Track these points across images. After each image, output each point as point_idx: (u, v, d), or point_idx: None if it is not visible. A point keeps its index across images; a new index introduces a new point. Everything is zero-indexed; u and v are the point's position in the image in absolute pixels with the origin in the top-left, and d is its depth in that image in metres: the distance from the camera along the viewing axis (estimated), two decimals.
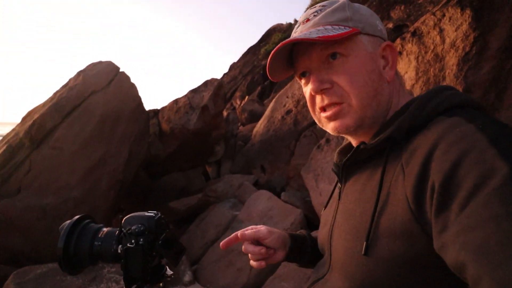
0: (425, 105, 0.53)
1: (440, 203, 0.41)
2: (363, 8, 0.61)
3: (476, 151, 0.40)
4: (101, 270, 2.57)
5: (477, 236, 0.36)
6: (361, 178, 0.59)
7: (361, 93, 0.57)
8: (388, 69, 0.60)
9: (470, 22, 2.35)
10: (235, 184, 4.41)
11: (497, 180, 0.37)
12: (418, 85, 2.71)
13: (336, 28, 0.56)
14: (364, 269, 0.51)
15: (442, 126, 0.47)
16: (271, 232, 0.72)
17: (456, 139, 0.43)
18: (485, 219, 0.36)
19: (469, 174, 0.39)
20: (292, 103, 4.92)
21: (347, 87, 0.57)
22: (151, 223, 0.64)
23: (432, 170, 0.43)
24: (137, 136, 4.10)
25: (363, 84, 0.57)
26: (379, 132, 0.57)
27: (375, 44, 0.59)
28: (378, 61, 0.59)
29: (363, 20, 0.59)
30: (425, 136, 0.48)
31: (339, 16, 0.58)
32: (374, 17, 0.61)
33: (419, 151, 0.47)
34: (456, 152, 0.42)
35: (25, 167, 3.32)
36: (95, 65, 4.12)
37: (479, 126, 0.43)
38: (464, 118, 0.46)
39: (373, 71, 0.58)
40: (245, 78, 10.88)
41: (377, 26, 0.61)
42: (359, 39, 0.58)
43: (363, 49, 0.58)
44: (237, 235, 0.71)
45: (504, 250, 0.33)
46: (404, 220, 0.46)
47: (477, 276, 0.35)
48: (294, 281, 2.61)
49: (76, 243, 0.64)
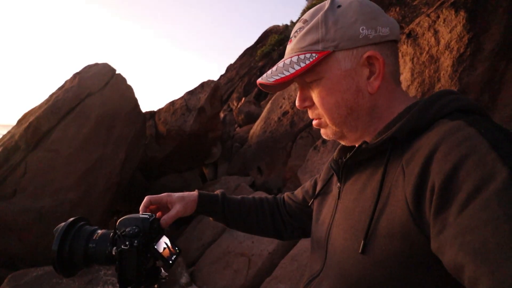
0: (428, 108, 0.53)
1: (439, 205, 0.41)
2: (346, 15, 0.57)
3: (477, 155, 0.41)
4: (98, 273, 2.55)
5: (475, 238, 0.36)
6: (361, 178, 0.59)
7: (332, 114, 0.60)
8: (373, 79, 0.58)
9: (464, 24, 2.38)
10: (232, 186, 4.41)
11: (497, 184, 0.37)
12: (413, 86, 2.72)
13: (301, 58, 0.58)
14: (360, 267, 0.51)
15: (444, 129, 0.47)
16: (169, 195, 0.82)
17: (457, 142, 0.43)
18: (484, 222, 0.36)
19: (469, 177, 0.39)
20: (288, 104, 4.93)
21: (320, 108, 0.61)
22: (146, 225, 0.64)
23: (432, 172, 0.44)
24: (134, 138, 4.09)
25: (334, 105, 0.59)
26: (381, 132, 0.57)
27: (355, 56, 0.57)
28: (357, 76, 0.58)
29: (338, 36, 0.56)
30: (427, 138, 0.49)
31: (309, 39, 0.58)
32: (359, 22, 0.56)
33: (420, 153, 0.48)
34: (456, 155, 0.42)
35: (21, 170, 3.30)
36: (91, 67, 4.11)
37: (481, 130, 0.44)
38: (466, 122, 0.47)
39: (348, 90, 0.58)
40: (241, 79, 10.89)
41: (360, 34, 0.56)
42: (333, 58, 0.57)
43: (337, 68, 0.57)
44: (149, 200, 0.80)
45: (502, 252, 0.34)
46: (403, 220, 0.46)
47: (474, 277, 0.36)
48: (291, 282, 2.61)
49: (71, 245, 0.64)
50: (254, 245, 3.05)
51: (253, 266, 2.91)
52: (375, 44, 0.57)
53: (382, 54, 0.57)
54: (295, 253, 2.83)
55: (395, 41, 0.61)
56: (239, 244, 3.12)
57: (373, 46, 0.57)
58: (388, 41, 0.58)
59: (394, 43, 0.61)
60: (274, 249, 2.97)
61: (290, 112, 4.82)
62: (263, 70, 10.05)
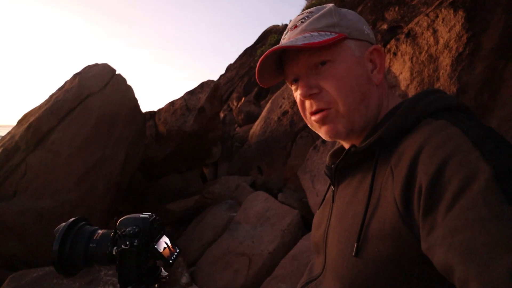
0: (413, 107, 0.54)
1: (427, 205, 0.42)
2: (350, 13, 0.62)
3: (461, 154, 0.41)
4: (98, 273, 2.56)
5: (463, 238, 0.37)
6: (353, 181, 0.60)
7: (348, 98, 0.57)
8: (376, 72, 0.61)
9: (463, 23, 2.38)
10: (232, 186, 4.41)
11: (481, 182, 0.38)
12: (412, 86, 2.73)
13: (322, 34, 0.57)
14: (354, 270, 0.52)
15: (428, 129, 0.48)
16: None
17: (441, 142, 0.44)
18: (471, 221, 0.37)
19: (454, 176, 0.40)
20: (288, 104, 4.94)
21: (334, 93, 0.57)
22: (146, 225, 0.64)
23: (419, 173, 0.44)
24: (134, 138, 4.09)
25: (350, 89, 0.57)
26: (369, 135, 0.58)
27: (362, 48, 0.60)
28: (365, 65, 0.60)
29: (349, 25, 0.60)
30: (412, 138, 0.49)
31: (325, 22, 0.59)
32: (361, 22, 0.62)
33: (406, 154, 0.48)
34: (441, 154, 0.43)
35: (21, 171, 3.30)
36: (91, 67, 4.10)
37: (464, 129, 0.44)
38: (450, 121, 0.47)
39: (361, 75, 0.59)
40: (241, 79, 10.89)
41: (364, 30, 0.61)
42: (346, 44, 0.59)
43: (350, 54, 0.59)
44: None
45: (489, 251, 0.34)
46: (393, 222, 0.47)
47: (464, 279, 0.36)
48: (292, 282, 2.61)
49: (71, 245, 0.64)
50: (254, 245, 3.05)
51: (254, 266, 2.91)
52: (371, 43, 0.63)
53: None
54: (296, 253, 2.84)
55: None
56: (240, 244, 3.12)
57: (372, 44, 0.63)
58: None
59: None
60: (274, 248, 2.97)
61: (290, 112, 4.83)
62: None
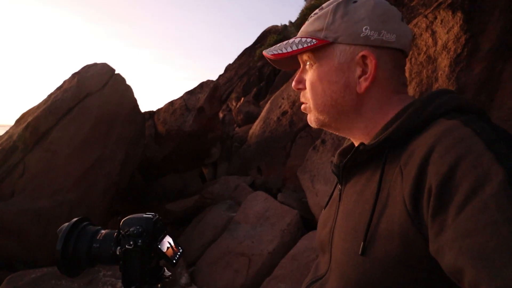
0: (424, 107, 0.53)
1: (436, 206, 0.41)
2: (357, 12, 0.58)
3: (473, 155, 0.41)
4: (97, 274, 2.55)
5: (475, 242, 0.36)
6: (361, 179, 0.59)
7: (317, 100, 0.63)
8: (362, 79, 0.58)
9: (461, 24, 2.39)
10: (232, 186, 4.42)
11: (494, 185, 0.37)
12: (411, 87, 2.74)
13: (303, 41, 0.61)
14: (360, 269, 0.51)
15: (440, 129, 0.47)
16: None
17: (453, 143, 0.43)
18: (483, 225, 0.36)
19: (466, 178, 0.39)
20: (287, 104, 4.94)
21: (308, 93, 0.64)
22: (149, 225, 0.64)
23: (429, 173, 0.44)
24: (133, 138, 4.09)
25: (320, 93, 0.62)
26: (378, 133, 0.57)
27: (351, 53, 0.58)
28: (350, 71, 0.59)
29: (341, 29, 0.58)
30: (423, 138, 0.49)
31: (317, 25, 0.61)
32: (364, 22, 0.57)
33: (416, 154, 0.48)
34: (453, 155, 0.42)
35: (19, 170, 3.29)
36: (90, 67, 4.09)
37: (477, 130, 0.44)
38: (462, 121, 0.47)
39: (336, 83, 0.60)
40: (240, 79, 10.89)
41: (362, 33, 0.57)
42: (331, 49, 0.60)
43: (331, 60, 0.60)
44: None
45: (502, 256, 0.34)
46: (401, 221, 0.46)
47: (474, 283, 0.35)
48: (292, 282, 2.62)
49: (75, 245, 0.64)
50: (254, 245, 3.06)
51: (253, 266, 2.92)
52: (374, 47, 0.57)
53: (377, 58, 0.57)
54: (295, 253, 2.84)
55: (401, 51, 0.60)
56: (239, 244, 3.12)
57: (372, 48, 0.57)
58: (391, 48, 0.58)
59: (399, 53, 0.59)
60: (274, 248, 2.98)
61: (289, 112, 4.83)
62: (262, 70, 10.06)
